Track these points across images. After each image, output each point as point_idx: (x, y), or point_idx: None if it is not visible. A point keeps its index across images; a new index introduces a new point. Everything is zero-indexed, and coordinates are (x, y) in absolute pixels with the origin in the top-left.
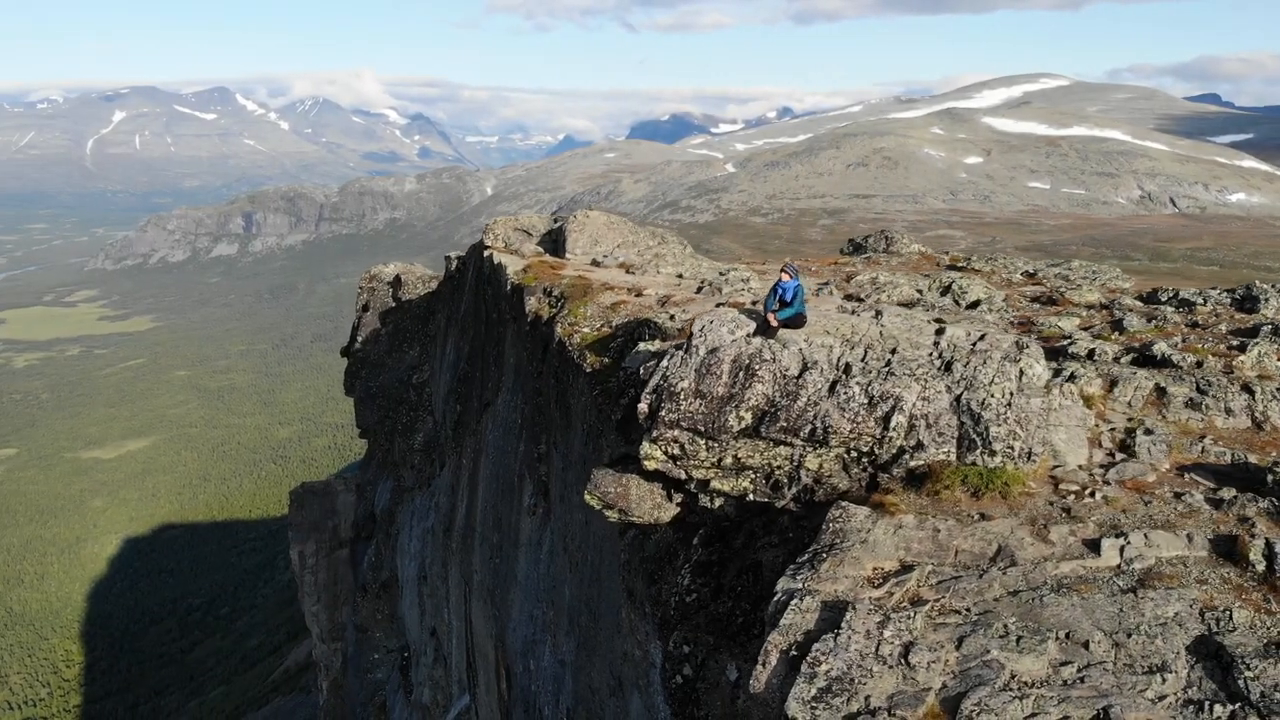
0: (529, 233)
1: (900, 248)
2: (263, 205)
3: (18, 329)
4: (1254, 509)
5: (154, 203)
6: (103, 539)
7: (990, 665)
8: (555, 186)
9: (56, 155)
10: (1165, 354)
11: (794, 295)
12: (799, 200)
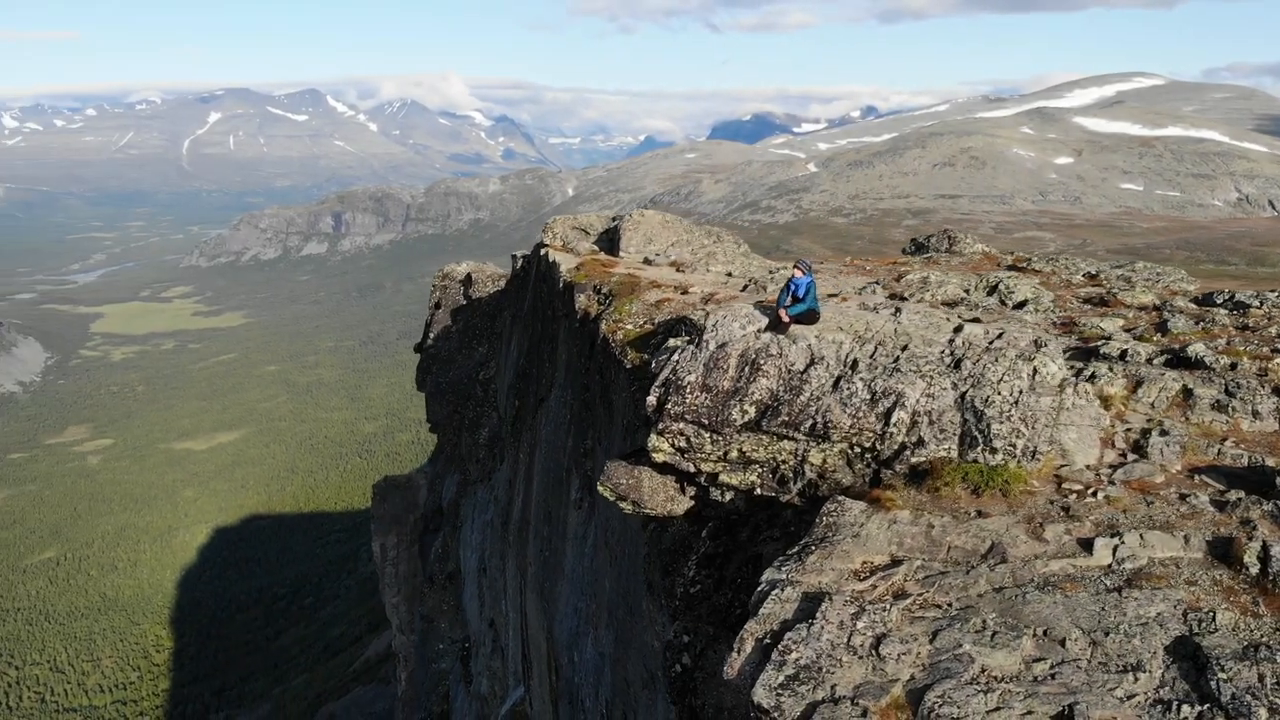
0: (587, 232)
1: (963, 248)
2: (351, 205)
3: (116, 323)
4: (1258, 511)
5: (247, 202)
6: (193, 528)
7: (960, 659)
8: (635, 187)
9: (154, 155)
10: (1199, 355)
11: (806, 291)
12: (882, 200)
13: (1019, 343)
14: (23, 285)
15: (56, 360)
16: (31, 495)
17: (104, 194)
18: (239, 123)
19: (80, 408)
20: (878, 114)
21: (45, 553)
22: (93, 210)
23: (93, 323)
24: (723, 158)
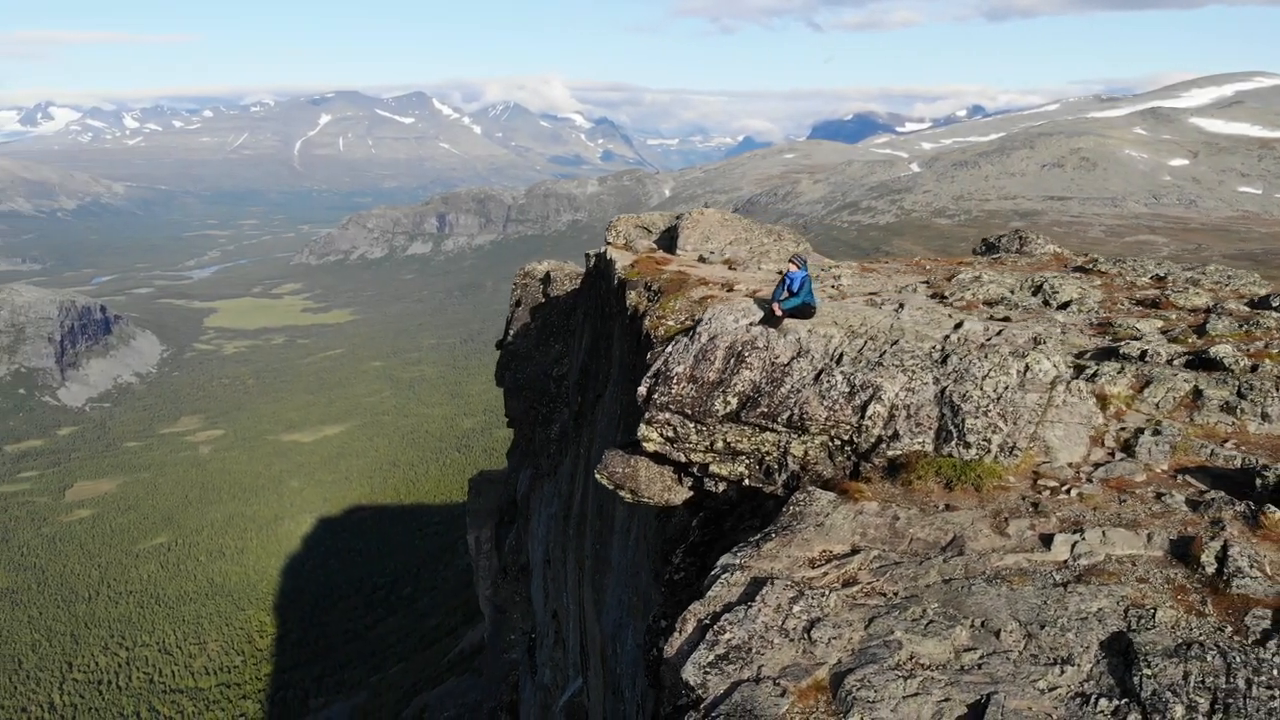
0: (649, 230)
1: (1033, 248)
2: (455, 206)
3: (228, 318)
4: (1230, 512)
5: (355, 202)
6: (298, 517)
7: (890, 645)
8: (732, 188)
9: (267, 155)
10: (1220, 357)
11: (801, 285)
12: (988, 202)
13: (1016, 340)
14: (141, 280)
15: (172, 353)
16: (146, 482)
17: (219, 193)
18: (349, 125)
19: (193, 399)
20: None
21: (157, 538)
22: (208, 209)
23: (207, 317)
24: (822, 158)
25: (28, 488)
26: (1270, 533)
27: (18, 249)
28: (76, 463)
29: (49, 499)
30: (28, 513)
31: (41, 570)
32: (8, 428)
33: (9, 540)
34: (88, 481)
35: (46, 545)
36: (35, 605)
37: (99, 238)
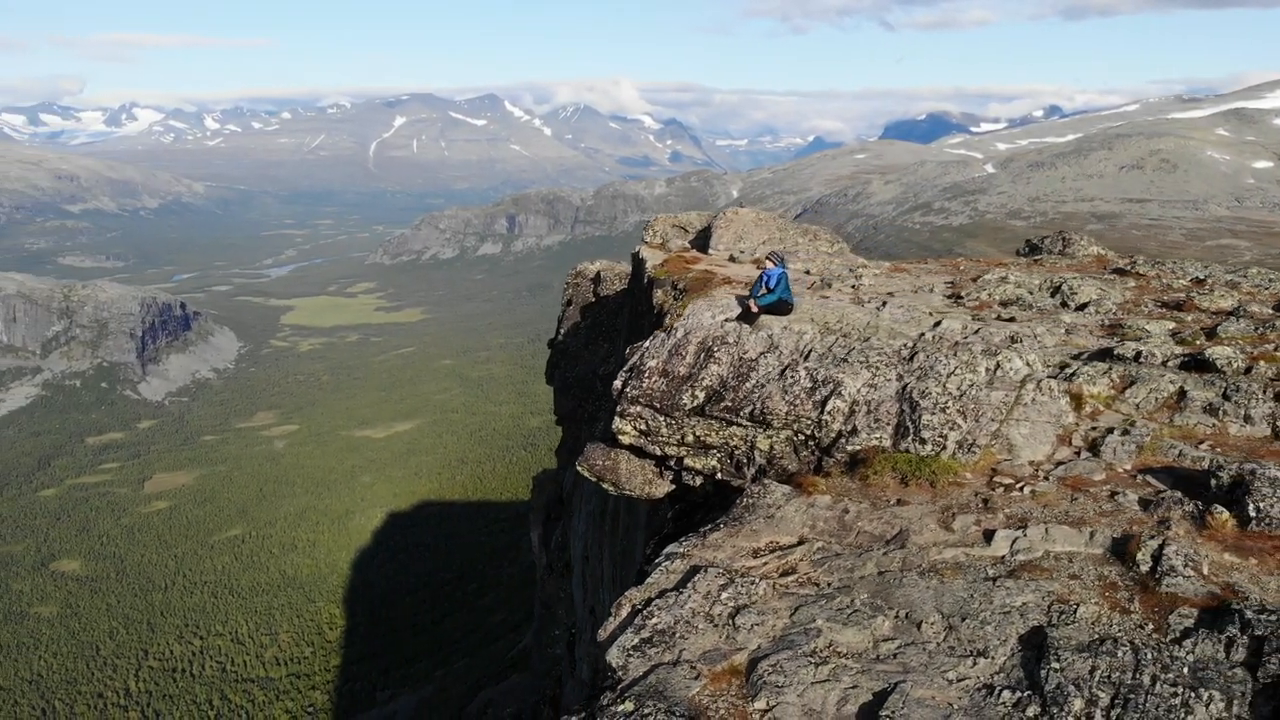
0: (686, 229)
1: (1076, 249)
2: (524, 207)
3: (304, 316)
4: (1179, 512)
5: (428, 203)
6: (369, 512)
7: (809, 633)
8: (801, 189)
9: (343, 156)
10: (1213, 358)
11: (778, 283)
12: (1065, 204)
13: (992, 338)
14: (220, 278)
15: (249, 349)
16: (222, 475)
17: (296, 193)
18: (422, 127)
19: (269, 394)
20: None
21: (232, 530)
22: (285, 208)
23: (283, 315)
24: (894, 158)
25: (108, 479)
26: (1216, 533)
27: (102, 247)
28: (155, 455)
29: (128, 490)
30: (108, 503)
31: (120, 560)
32: (90, 420)
33: (89, 530)
34: (166, 474)
35: (125, 535)
36: (114, 594)
37: (180, 236)
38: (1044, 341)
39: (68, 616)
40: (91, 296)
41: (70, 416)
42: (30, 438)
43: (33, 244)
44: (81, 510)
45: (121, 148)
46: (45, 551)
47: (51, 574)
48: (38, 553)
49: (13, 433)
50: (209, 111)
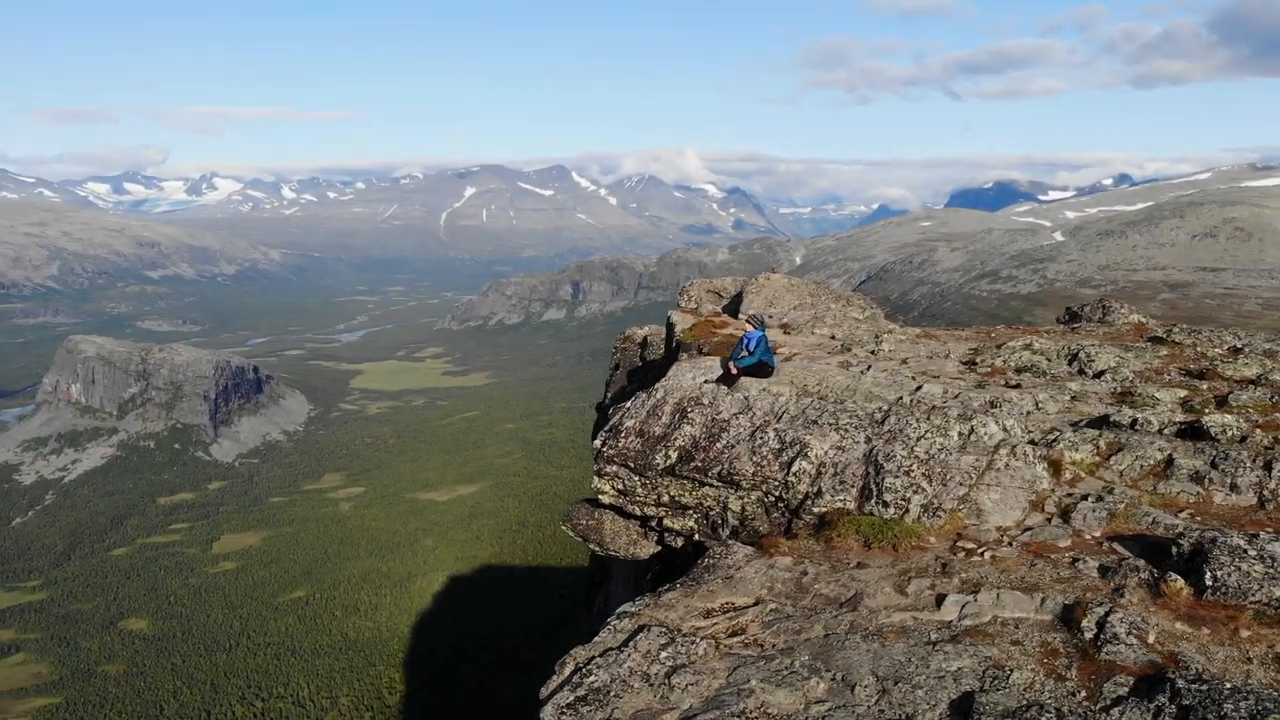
0: (720, 294)
1: (1115, 317)
2: (589, 274)
3: (373, 380)
4: (1135, 579)
5: (495, 270)
6: (431, 575)
7: (741, 694)
8: (865, 256)
9: (415, 225)
10: (1208, 427)
11: (757, 345)
12: (1136, 272)
13: (971, 403)
14: (293, 343)
15: (319, 412)
16: (288, 536)
17: (369, 260)
18: (491, 197)
19: (337, 457)
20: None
21: (296, 591)
22: (358, 275)
23: (353, 379)
24: (960, 225)
25: (178, 539)
26: (1170, 601)
27: (179, 311)
28: (224, 516)
29: (197, 550)
30: (176, 563)
31: (186, 619)
32: (162, 481)
33: (157, 590)
34: (234, 534)
35: (192, 595)
36: (179, 653)
37: (255, 301)
38: (1046, 408)
39: (134, 675)
40: (167, 359)
41: (143, 477)
42: (104, 497)
43: (113, 308)
44: (151, 570)
45: (201, 216)
46: (114, 610)
47: (120, 632)
48: (107, 611)
49: (88, 492)
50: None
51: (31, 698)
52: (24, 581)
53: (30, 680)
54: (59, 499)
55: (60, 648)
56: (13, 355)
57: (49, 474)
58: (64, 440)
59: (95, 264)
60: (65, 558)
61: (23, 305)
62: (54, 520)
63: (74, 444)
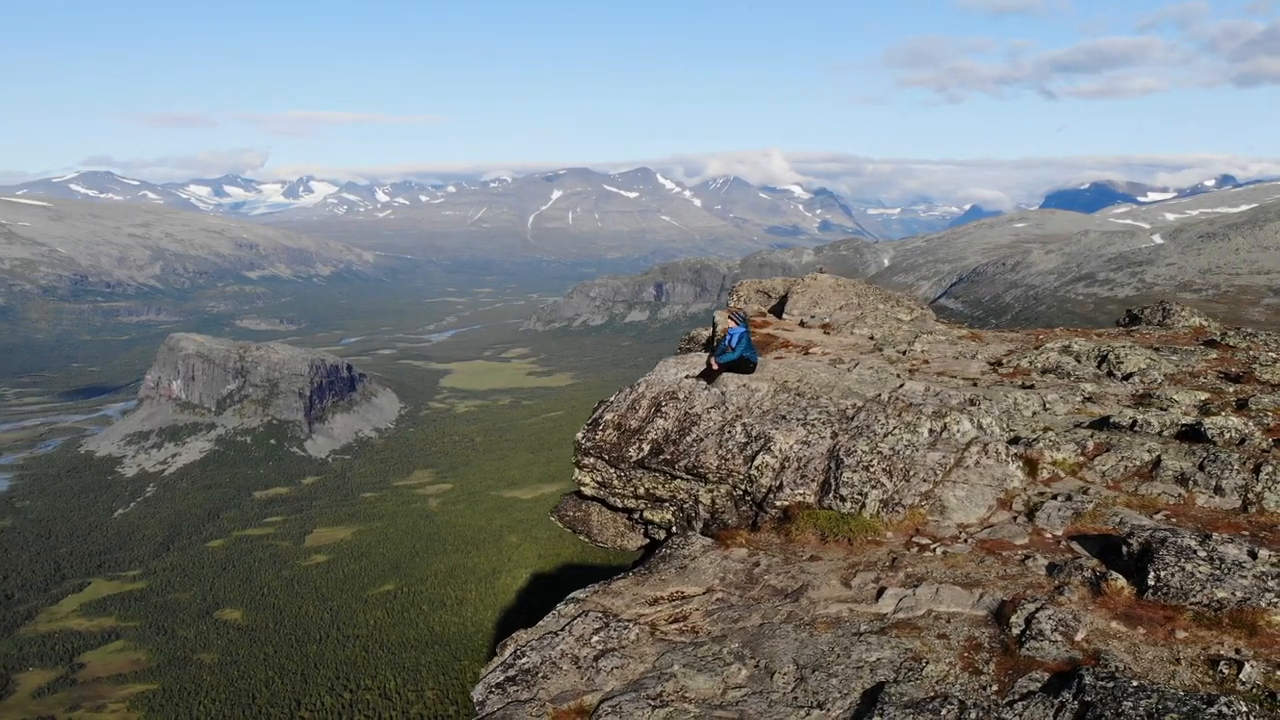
0: (769, 294)
1: (1175, 320)
2: (672, 276)
3: (462, 379)
4: (1078, 577)
5: (580, 272)
6: (515, 572)
7: (663, 677)
8: (956, 257)
9: (503, 228)
10: (1206, 428)
11: (739, 341)
12: (1239, 276)
13: (950, 401)
14: (385, 342)
15: (409, 410)
16: (378, 531)
17: (458, 263)
18: (578, 199)
19: (426, 454)
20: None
21: (385, 585)
22: (448, 277)
23: (442, 378)
24: (1055, 227)
25: (272, 532)
26: (1109, 600)
27: (277, 311)
28: (317, 510)
29: (290, 543)
30: (270, 555)
31: (279, 610)
32: (258, 475)
33: (252, 581)
34: (326, 528)
35: (285, 587)
36: (271, 643)
37: (349, 302)
38: (1054, 409)
39: (227, 664)
40: (264, 357)
41: (240, 471)
42: (202, 490)
43: (213, 307)
44: (246, 561)
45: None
46: (210, 600)
47: (215, 622)
48: (203, 600)
49: (187, 485)
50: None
51: (130, 684)
52: (125, 571)
53: (129, 667)
54: (159, 491)
55: (158, 636)
56: (117, 352)
57: (150, 467)
58: (165, 434)
59: (196, 264)
60: (164, 548)
61: (127, 304)
62: (154, 512)
63: (174, 438)
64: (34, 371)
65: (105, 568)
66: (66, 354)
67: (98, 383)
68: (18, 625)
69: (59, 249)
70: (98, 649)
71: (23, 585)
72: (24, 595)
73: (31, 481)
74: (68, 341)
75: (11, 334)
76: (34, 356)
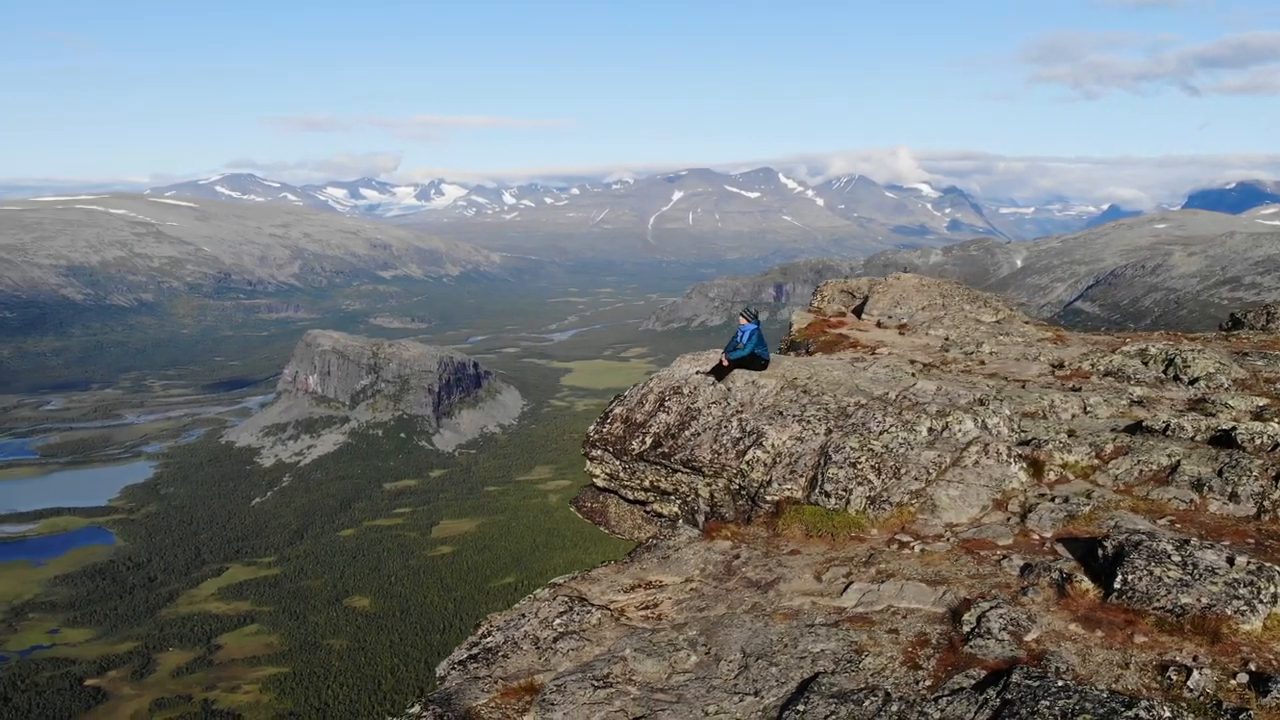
0: (853, 294)
1: (1278, 325)
2: (793, 276)
3: (582, 378)
4: (1046, 579)
5: (699, 272)
6: None
7: (612, 660)
8: (1093, 259)
9: (624, 229)
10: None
11: (749, 338)
12: None
13: (958, 400)
14: (509, 341)
15: (531, 407)
16: (500, 525)
17: (580, 263)
18: (698, 200)
19: (546, 450)
20: None
21: (507, 578)
22: (570, 277)
23: (563, 376)
24: (1198, 228)
25: (400, 523)
26: (1072, 602)
27: (409, 309)
28: (443, 503)
29: (417, 534)
30: (398, 545)
31: (405, 599)
32: (389, 468)
33: (380, 570)
34: (451, 520)
35: (412, 576)
36: (397, 631)
37: (476, 301)
38: (1096, 411)
39: (355, 650)
40: (396, 354)
41: (371, 463)
42: (335, 481)
43: (349, 305)
44: (375, 551)
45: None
46: (340, 587)
47: (344, 609)
48: (334, 588)
49: (320, 476)
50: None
51: (263, 666)
52: (261, 557)
53: (262, 650)
54: (294, 481)
55: (290, 620)
56: (257, 347)
57: (286, 458)
58: (301, 427)
59: (333, 264)
60: (298, 536)
61: (267, 301)
62: (289, 501)
63: (310, 430)
64: (180, 365)
65: (242, 554)
66: (210, 348)
67: (238, 376)
68: (160, 607)
69: (204, 248)
70: (233, 631)
71: (165, 568)
72: (166, 578)
73: (175, 470)
74: (211, 336)
75: (159, 329)
76: (180, 350)
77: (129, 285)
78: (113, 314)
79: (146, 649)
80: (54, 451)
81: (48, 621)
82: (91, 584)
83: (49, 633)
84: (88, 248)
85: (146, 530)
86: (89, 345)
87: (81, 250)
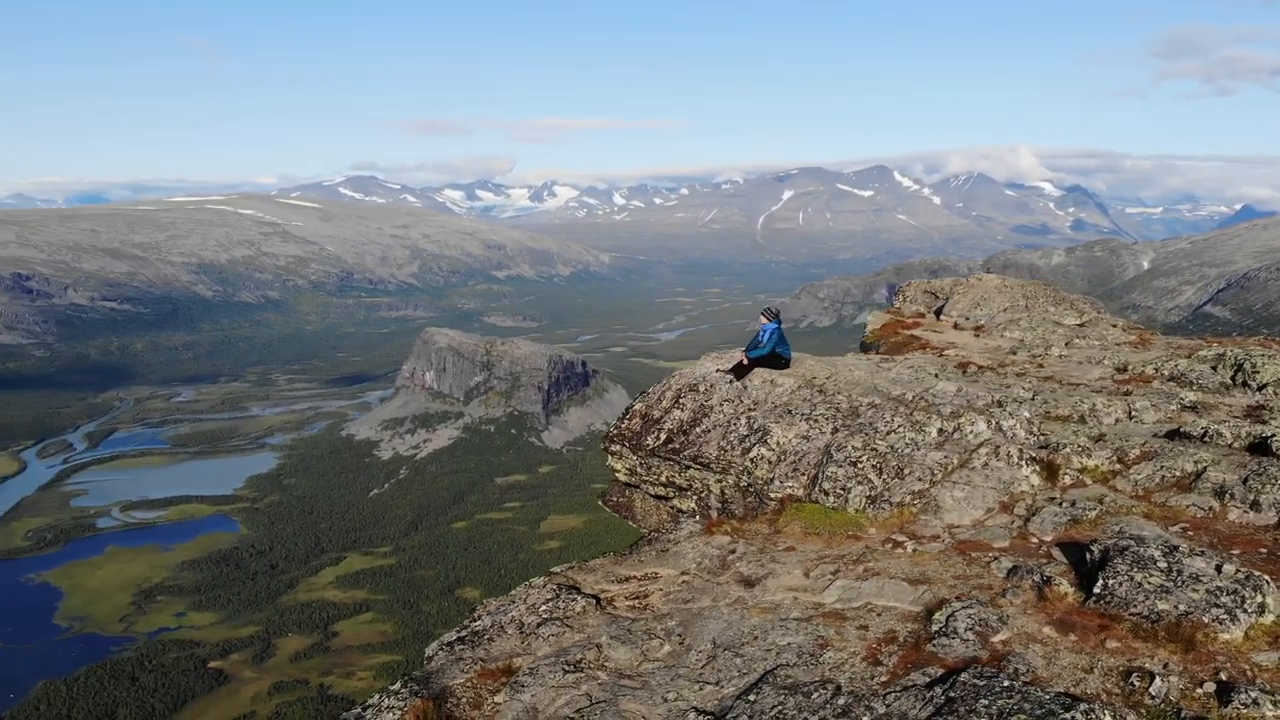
0: (936, 295)
1: None
2: (906, 276)
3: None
4: (1029, 582)
5: (809, 272)
6: None
7: (587, 647)
8: (1225, 261)
9: (733, 229)
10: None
11: (769, 338)
12: None
13: (976, 402)
14: (617, 340)
15: None
16: (606, 521)
17: (688, 263)
18: (809, 199)
19: None
20: None
21: None
22: (678, 277)
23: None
24: None
25: (510, 517)
26: (1050, 605)
27: (520, 309)
28: (551, 498)
29: (526, 528)
30: (508, 539)
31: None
32: (500, 463)
33: (490, 562)
34: (559, 516)
35: (520, 570)
36: None
37: (585, 301)
38: (1142, 416)
39: None
40: (508, 352)
41: (483, 458)
42: (449, 475)
43: (464, 304)
44: (486, 543)
45: (541, 221)
46: (452, 578)
47: (455, 600)
48: (446, 579)
49: (435, 469)
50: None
51: (377, 654)
52: (377, 547)
53: (377, 638)
54: (411, 474)
55: (404, 610)
56: (378, 343)
57: (403, 451)
58: (417, 421)
59: (449, 264)
60: (413, 528)
61: (387, 299)
62: (406, 493)
63: (426, 425)
64: (303, 360)
65: (360, 543)
66: (332, 345)
67: (359, 371)
68: (280, 593)
69: (328, 247)
70: (350, 619)
71: (286, 556)
72: (286, 566)
73: (298, 461)
74: (334, 333)
75: (285, 325)
76: (304, 346)
77: (256, 283)
78: (240, 310)
79: (267, 634)
80: (184, 442)
81: (175, 604)
82: (216, 570)
83: (176, 615)
84: (217, 246)
85: (269, 519)
86: (218, 340)
87: (212, 249)
